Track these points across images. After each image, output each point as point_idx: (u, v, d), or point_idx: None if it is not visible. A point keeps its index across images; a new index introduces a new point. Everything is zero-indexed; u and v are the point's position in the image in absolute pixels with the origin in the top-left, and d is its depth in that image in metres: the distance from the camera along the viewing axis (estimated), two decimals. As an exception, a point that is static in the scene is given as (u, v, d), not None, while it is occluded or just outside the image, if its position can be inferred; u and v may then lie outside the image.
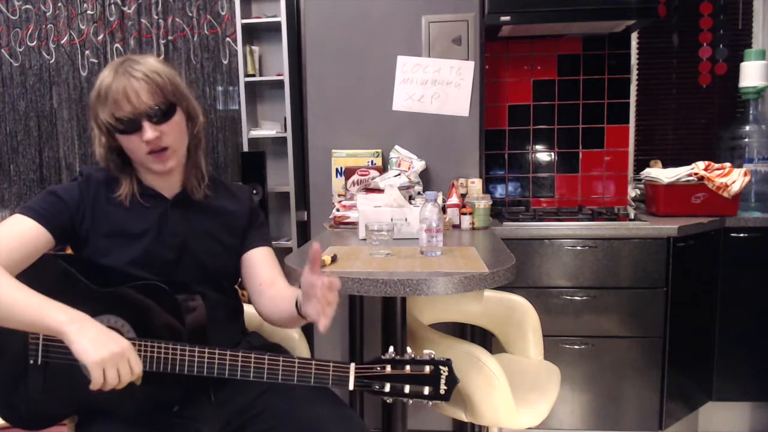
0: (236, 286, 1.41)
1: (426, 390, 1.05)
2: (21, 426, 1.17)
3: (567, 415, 2.32)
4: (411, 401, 1.07)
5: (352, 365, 1.07)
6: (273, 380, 1.10)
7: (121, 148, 1.21)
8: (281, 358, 1.09)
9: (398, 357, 1.06)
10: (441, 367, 1.05)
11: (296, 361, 1.09)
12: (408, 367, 1.05)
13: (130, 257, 1.21)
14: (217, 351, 1.10)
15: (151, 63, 1.18)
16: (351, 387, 1.07)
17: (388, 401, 1.07)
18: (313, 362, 1.08)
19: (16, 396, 1.15)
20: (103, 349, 0.99)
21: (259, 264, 1.34)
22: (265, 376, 1.10)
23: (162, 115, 1.16)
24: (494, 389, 1.42)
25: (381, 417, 1.54)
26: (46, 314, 1.01)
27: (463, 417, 1.52)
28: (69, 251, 1.34)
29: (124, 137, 1.17)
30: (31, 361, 1.13)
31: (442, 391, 1.05)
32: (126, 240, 1.22)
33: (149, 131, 1.15)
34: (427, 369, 1.05)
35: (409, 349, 1.08)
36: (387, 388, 1.05)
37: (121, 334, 1.10)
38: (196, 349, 1.10)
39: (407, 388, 1.05)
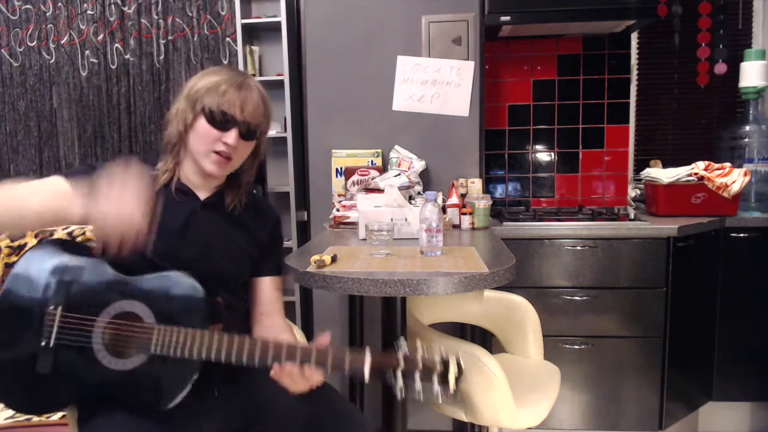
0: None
1: (435, 385, 1.07)
2: (21, 409, 1.17)
3: (567, 415, 2.32)
4: (422, 396, 1.08)
5: (367, 354, 1.08)
6: (279, 361, 1.11)
7: (187, 135, 1.27)
8: (299, 347, 1.11)
9: (411, 352, 1.09)
10: (450, 363, 1.08)
11: (314, 350, 1.10)
12: (420, 363, 1.07)
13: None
14: (236, 338, 1.12)
15: (262, 89, 1.30)
16: (367, 379, 1.08)
17: (399, 396, 1.09)
18: (330, 351, 1.09)
19: (22, 377, 1.15)
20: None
21: (265, 293, 1.40)
22: (282, 363, 1.11)
23: (248, 135, 1.27)
24: (494, 389, 1.42)
25: (381, 417, 1.54)
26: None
27: (463, 417, 1.52)
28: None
29: (209, 127, 1.24)
30: (43, 343, 1.13)
31: (450, 388, 1.07)
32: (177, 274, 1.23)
33: (232, 138, 1.24)
34: (438, 365, 1.07)
35: (419, 343, 1.10)
36: (400, 381, 1.08)
37: (141, 319, 1.13)
38: (215, 336, 1.12)
39: (418, 383, 1.07)
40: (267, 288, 1.40)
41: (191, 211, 1.30)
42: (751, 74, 2.57)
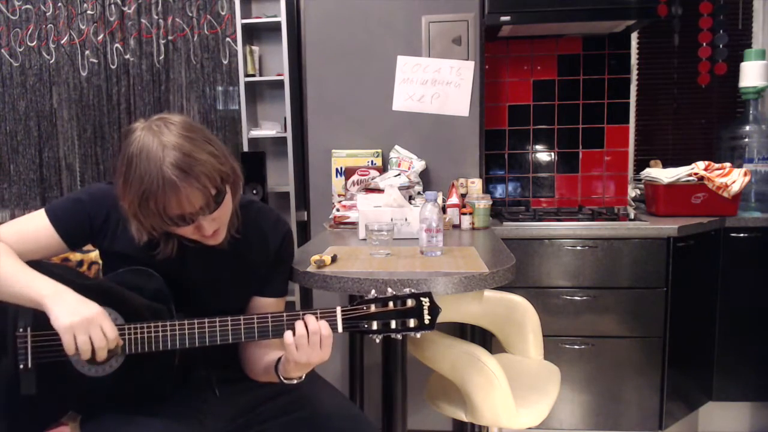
0: None
1: (412, 322, 1.10)
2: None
3: (567, 415, 2.32)
4: (400, 336, 1.11)
5: (338, 308, 1.11)
6: (264, 337, 1.12)
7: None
8: (270, 316, 1.12)
9: (380, 296, 1.10)
10: (422, 299, 1.10)
11: (284, 315, 1.11)
12: (391, 304, 1.10)
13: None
14: (206, 321, 1.12)
15: (185, 148, 1.05)
16: (340, 330, 1.11)
17: (377, 340, 1.11)
18: (301, 313, 1.11)
19: (12, 401, 1.14)
20: (74, 315, 1.03)
21: (265, 311, 1.30)
22: (256, 334, 1.12)
23: (217, 203, 1.10)
24: (494, 389, 1.42)
25: (381, 417, 1.54)
26: (31, 287, 1.06)
27: (463, 417, 1.52)
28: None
29: (179, 230, 1.11)
30: (21, 366, 1.11)
31: (426, 321, 1.10)
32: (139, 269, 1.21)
33: (207, 226, 1.10)
34: (410, 302, 1.10)
35: (389, 289, 1.12)
36: (374, 326, 1.10)
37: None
38: (177, 323, 1.12)
39: (393, 323, 1.10)
40: (269, 307, 1.31)
41: (179, 255, 1.20)
42: (751, 74, 2.57)
